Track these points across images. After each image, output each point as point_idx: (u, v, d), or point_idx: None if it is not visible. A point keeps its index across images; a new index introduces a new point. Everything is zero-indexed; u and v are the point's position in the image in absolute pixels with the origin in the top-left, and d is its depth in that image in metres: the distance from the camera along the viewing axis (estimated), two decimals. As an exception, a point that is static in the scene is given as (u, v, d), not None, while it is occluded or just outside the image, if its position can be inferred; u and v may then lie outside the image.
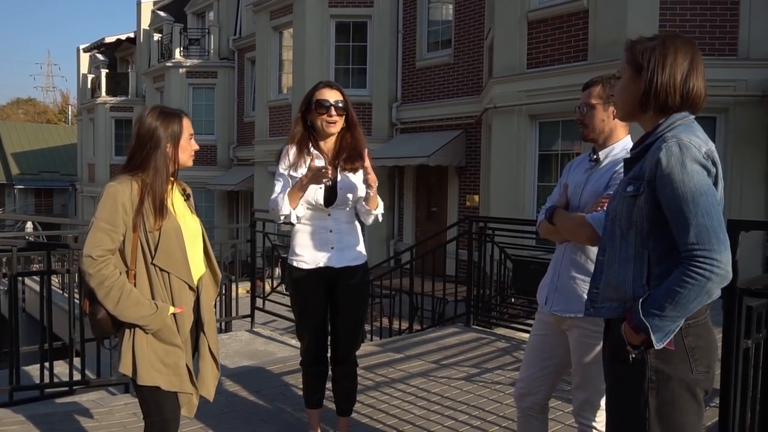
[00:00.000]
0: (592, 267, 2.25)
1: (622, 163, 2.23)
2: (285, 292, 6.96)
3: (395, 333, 6.23)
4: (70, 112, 48.43)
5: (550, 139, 9.16)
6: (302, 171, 2.79)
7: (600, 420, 2.35)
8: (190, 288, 2.31)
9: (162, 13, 21.45)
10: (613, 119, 2.30)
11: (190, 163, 2.43)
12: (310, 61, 13.08)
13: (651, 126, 1.71)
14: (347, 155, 2.82)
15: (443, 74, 12.18)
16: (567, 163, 2.61)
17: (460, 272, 6.58)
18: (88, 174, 24.32)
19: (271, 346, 5.66)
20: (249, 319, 6.22)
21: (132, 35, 24.50)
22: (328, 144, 2.85)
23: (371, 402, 3.75)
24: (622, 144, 2.31)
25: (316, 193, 2.77)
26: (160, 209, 2.23)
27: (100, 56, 26.12)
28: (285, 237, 8.26)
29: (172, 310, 2.23)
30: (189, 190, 2.50)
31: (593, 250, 2.26)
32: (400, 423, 3.47)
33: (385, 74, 12.91)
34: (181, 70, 18.67)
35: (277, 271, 9.29)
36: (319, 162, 2.81)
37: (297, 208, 2.78)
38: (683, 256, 1.54)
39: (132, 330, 2.20)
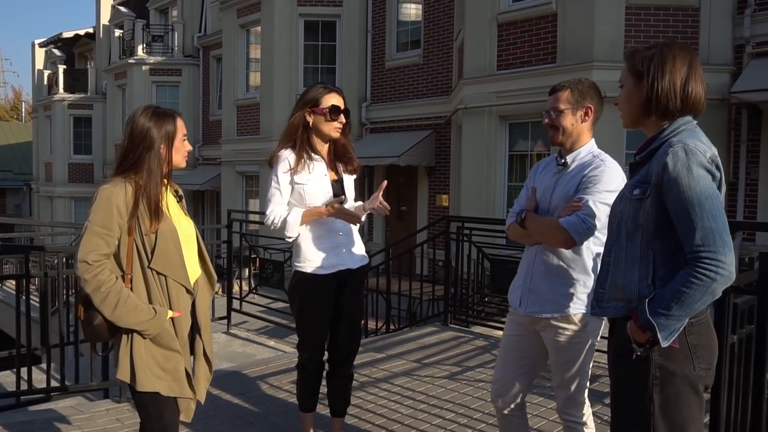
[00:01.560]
0: (565, 268, 2.31)
1: (591, 167, 2.30)
2: (257, 292, 6.89)
3: (371, 333, 6.25)
4: (23, 109, 46.71)
5: (520, 140, 9.32)
6: (306, 176, 2.75)
7: (583, 414, 2.41)
8: (188, 291, 2.28)
9: (123, 9, 20.94)
10: (581, 123, 2.36)
11: (183, 164, 2.40)
12: (278, 60, 12.98)
13: (654, 131, 1.77)
14: (346, 158, 2.85)
15: (413, 74, 12.25)
16: (534, 166, 2.65)
17: (433, 271, 6.66)
18: (45, 173, 23.55)
19: (250, 347, 5.61)
20: (225, 320, 6.14)
21: (91, 30, 23.83)
22: (325, 146, 2.85)
23: (358, 402, 3.76)
24: (587, 148, 2.38)
25: (326, 197, 2.76)
26: (156, 212, 2.19)
27: (56, 51, 25.29)
28: (257, 237, 8.18)
29: (170, 314, 2.20)
30: (181, 192, 2.47)
31: (565, 252, 2.32)
32: (388, 422, 3.49)
33: (355, 74, 12.91)
34: (144, 67, 18.27)
35: (247, 271, 9.18)
36: (319, 165, 2.80)
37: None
38: (689, 257, 1.60)
39: (129, 335, 2.16)
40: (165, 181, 2.28)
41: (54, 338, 3.98)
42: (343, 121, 2.79)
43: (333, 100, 2.77)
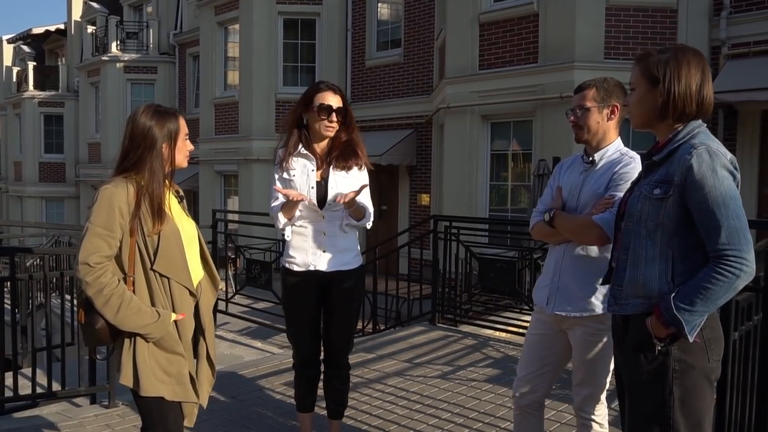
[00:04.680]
0: (594, 266, 2.30)
1: (621, 164, 2.31)
2: (239, 292, 6.82)
3: (358, 333, 6.21)
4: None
5: (502, 140, 9.38)
6: (292, 172, 2.77)
7: (599, 413, 2.43)
8: (191, 293, 2.23)
9: (95, 5, 20.51)
10: (607, 122, 2.37)
11: (185, 164, 2.35)
12: (257, 59, 12.85)
13: (667, 133, 1.81)
14: (339, 153, 2.78)
15: (393, 74, 12.24)
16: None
17: (421, 271, 6.65)
18: (14, 173, 22.97)
19: (237, 349, 5.55)
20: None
21: (62, 27, 23.32)
22: (321, 145, 2.82)
23: (353, 403, 3.71)
24: (615, 146, 2.37)
25: (308, 194, 2.73)
26: (159, 212, 2.14)
27: (25, 48, 24.69)
28: (238, 237, 8.10)
29: (174, 317, 2.15)
30: (182, 192, 2.42)
31: (594, 249, 2.32)
32: (385, 423, 3.47)
33: (335, 73, 12.83)
34: (118, 64, 17.95)
35: (229, 272, 9.09)
36: (307, 162, 2.78)
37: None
38: (713, 255, 1.65)
39: (132, 339, 2.11)
40: (167, 181, 2.22)
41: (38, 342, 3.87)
42: (333, 119, 2.73)
43: (325, 98, 2.73)
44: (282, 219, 2.73)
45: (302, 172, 2.77)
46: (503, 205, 9.42)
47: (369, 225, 2.86)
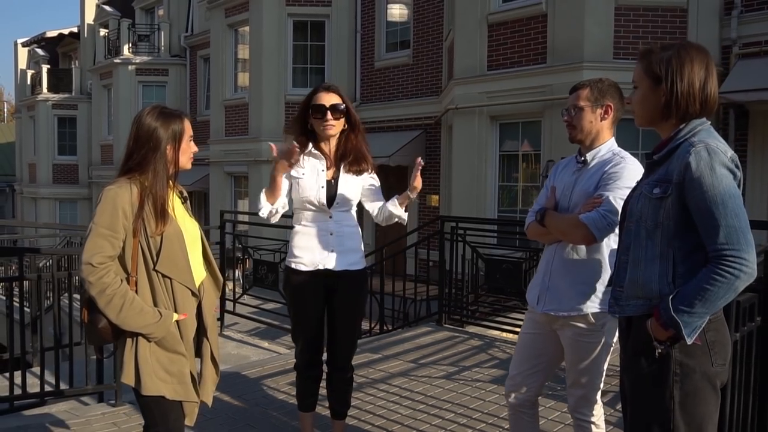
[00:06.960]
0: (584, 266, 2.32)
1: (611, 163, 2.32)
2: (248, 293, 6.86)
3: (365, 333, 6.23)
4: (5, 109, 46.07)
5: (511, 140, 9.36)
6: (300, 171, 2.79)
7: (595, 415, 2.42)
8: (193, 294, 2.25)
9: (107, 8, 20.74)
10: (600, 122, 2.37)
11: (189, 166, 2.37)
12: (267, 60, 12.92)
13: (670, 131, 1.79)
14: (353, 157, 2.82)
15: (402, 75, 12.25)
16: (553, 166, 2.67)
17: (428, 272, 6.65)
18: (28, 174, 23.25)
19: (244, 349, 5.58)
20: (218, 322, 6.10)
21: (75, 30, 23.58)
22: (330, 146, 2.85)
23: (357, 403, 3.74)
24: (607, 146, 2.38)
25: (318, 192, 2.76)
26: (162, 214, 2.17)
27: (40, 51, 24.99)
28: (248, 238, 8.14)
29: (176, 317, 2.17)
30: (186, 193, 2.45)
31: (584, 249, 2.33)
32: (388, 423, 3.48)
33: (344, 74, 12.87)
34: (130, 67, 18.12)
35: (238, 273, 9.14)
36: (317, 162, 2.80)
37: (296, 214, 2.82)
38: (712, 255, 1.62)
39: (134, 339, 2.13)
40: (170, 182, 2.25)
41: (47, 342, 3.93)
42: (329, 117, 2.73)
43: (318, 99, 2.75)
44: (264, 201, 2.70)
45: (312, 171, 2.80)
46: (513, 206, 9.40)
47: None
